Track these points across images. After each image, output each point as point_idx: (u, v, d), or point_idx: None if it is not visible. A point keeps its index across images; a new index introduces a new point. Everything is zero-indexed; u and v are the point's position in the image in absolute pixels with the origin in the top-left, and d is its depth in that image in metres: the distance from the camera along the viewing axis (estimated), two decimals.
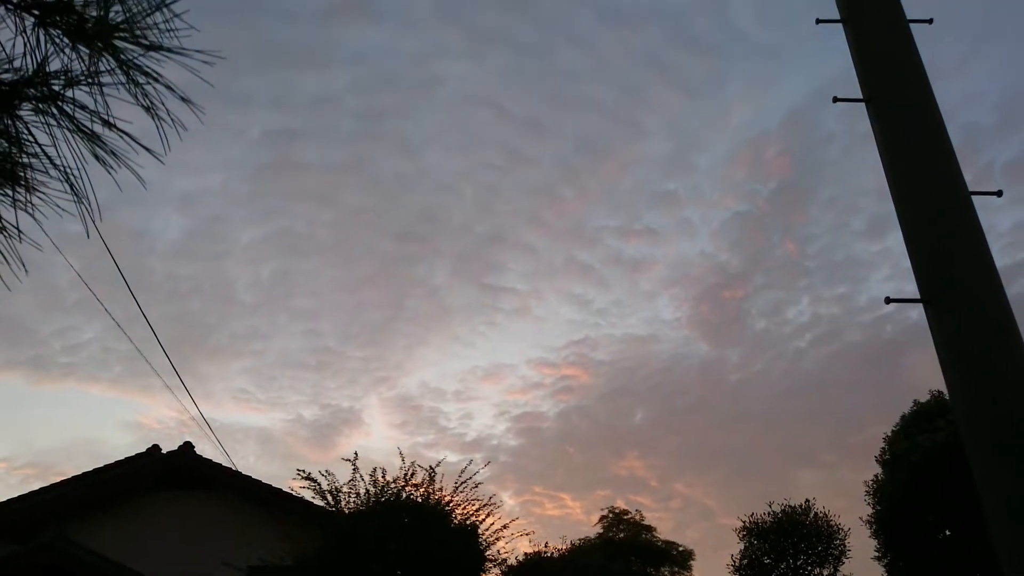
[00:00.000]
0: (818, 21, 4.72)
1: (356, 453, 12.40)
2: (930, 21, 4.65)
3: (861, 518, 21.53)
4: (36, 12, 1.22)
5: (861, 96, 4.43)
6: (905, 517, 18.63)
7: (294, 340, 43.20)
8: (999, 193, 4.13)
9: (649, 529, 32.70)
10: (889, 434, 20.47)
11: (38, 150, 1.28)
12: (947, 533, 18.41)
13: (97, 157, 1.27)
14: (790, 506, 24.67)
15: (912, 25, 4.53)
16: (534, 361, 49.34)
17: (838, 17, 4.73)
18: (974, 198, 4.00)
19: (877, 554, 21.03)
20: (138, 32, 1.22)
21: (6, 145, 1.25)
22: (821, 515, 24.28)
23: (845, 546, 24.14)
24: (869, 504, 20.99)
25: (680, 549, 32.33)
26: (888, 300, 3.94)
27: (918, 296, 3.90)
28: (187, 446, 14.05)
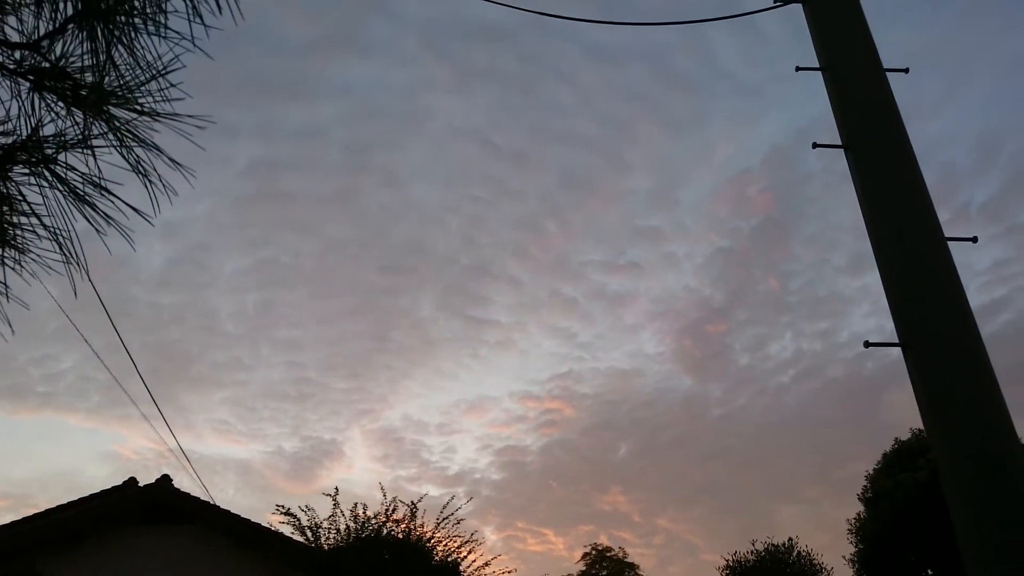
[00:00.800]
0: (798, 68, 4.83)
1: (336, 488, 12.29)
2: (906, 71, 4.77)
3: (844, 557, 21.47)
4: (32, 77, 1.24)
5: (840, 142, 4.53)
6: (888, 556, 18.59)
7: (276, 371, 42.82)
8: (974, 239, 4.21)
9: (632, 567, 32.42)
10: (871, 472, 20.52)
11: (29, 210, 1.30)
12: (930, 572, 18.37)
13: (88, 218, 1.29)
14: (773, 544, 24.55)
15: (889, 73, 4.65)
16: (518, 394, 49.09)
17: (817, 65, 4.85)
18: (950, 243, 4.08)
19: None
20: (131, 99, 1.25)
21: None
22: (804, 554, 24.16)
23: None
24: (852, 543, 20.94)
25: None
26: (867, 344, 4.00)
27: (896, 340, 3.96)
28: (164, 479, 13.83)
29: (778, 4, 5.23)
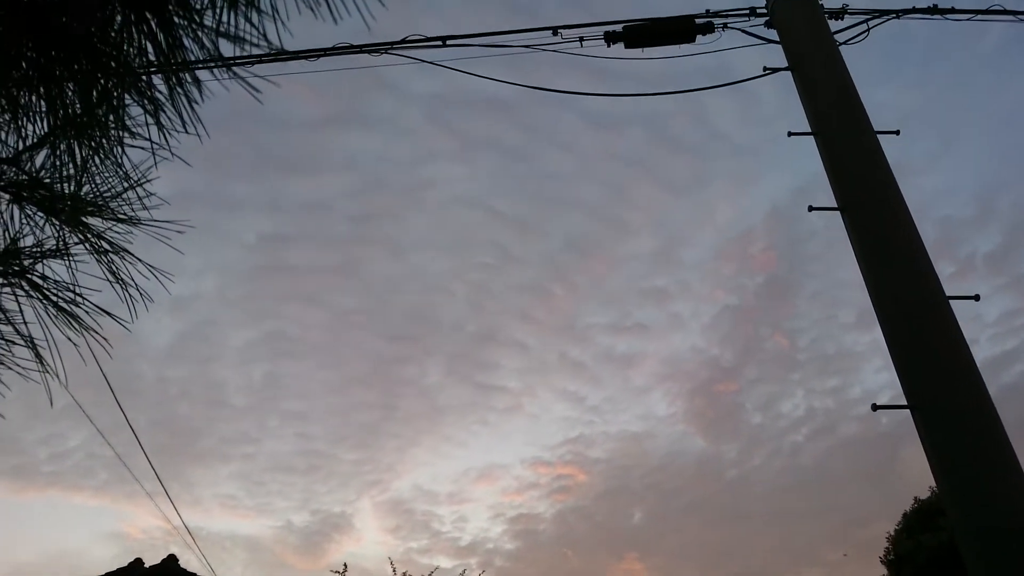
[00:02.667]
0: (790, 134, 4.90)
1: (345, 564, 12.05)
2: (897, 132, 4.83)
3: None
4: (11, 191, 1.27)
5: (835, 204, 4.56)
6: None
7: (284, 443, 42.46)
8: (976, 297, 4.19)
9: None
10: (892, 533, 20.00)
11: (4, 319, 1.31)
12: None
13: (60, 326, 1.30)
14: None
15: (880, 135, 4.71)
16: (529, 460, 48.42)
17: (809, 130, 4.92)
18: (952, 302, 4.06)
19: None
20: (107, 208, 1.28)
21: None
22: None
23: None
24: None
25: None
26: (875, 407, 3.94)
27: (904, 401, 3.90)
28: (171, 559, 13.57)
29: (768, 72, 5.33)
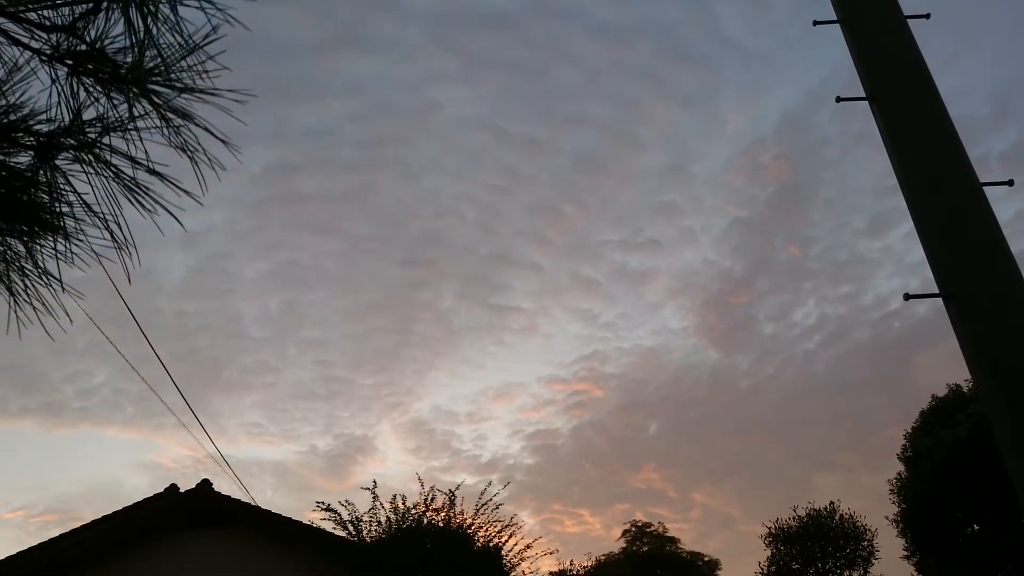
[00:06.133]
0: (815, 23, 4.73)
1: (375, 481, 12.39)
2: (927, 16, 4.66)
3: (887, 517, 21.34)
4: (69, 62, 1.21)
5: (864, 95, 4.43)
6: (932, 514, 18.44)
7: (304, 371, 43.26)
8: (1010, 183, 4.12)
9: (673, 541, 32.44)
10: (910, 431, 20.30)
11: (76, 199, 1.28)
12: (975, 528, 18.20)
13: (133, 202, 1.26)
14: (815, 509, 24.47)
15: (910, 21, 4.54)
16: (545, 378, 49.27)
17: (834, 18, 4.74)
18: (986, 188, 3.99)
19: (906, 553, 20.80)
20: (172, 76, 1.21)
21: (45, 197, 1.25)
22: (847, 517, 24.06)
23: (873, 547, 23.92)
24: (894, 503, 20.79)
25: (706, 559, 32.05)
26: (907, 296, 3.91)
27: (936, 291, 3.87)
28: (205, 483, 13.99)
29: None
